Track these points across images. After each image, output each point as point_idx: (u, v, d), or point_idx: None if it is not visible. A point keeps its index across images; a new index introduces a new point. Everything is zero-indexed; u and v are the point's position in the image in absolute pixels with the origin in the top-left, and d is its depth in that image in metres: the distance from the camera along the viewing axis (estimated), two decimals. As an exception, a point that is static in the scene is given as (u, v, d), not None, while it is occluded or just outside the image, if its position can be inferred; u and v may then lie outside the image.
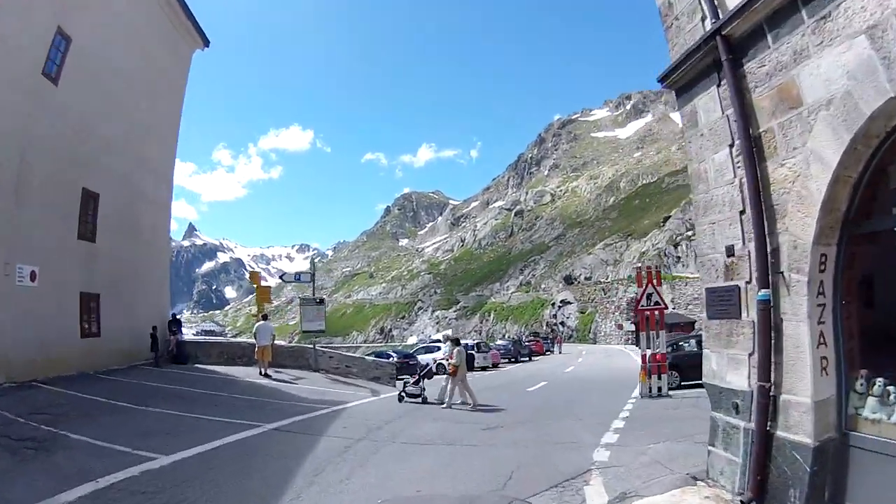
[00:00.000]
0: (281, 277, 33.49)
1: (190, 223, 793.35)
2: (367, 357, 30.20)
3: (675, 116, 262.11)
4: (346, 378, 26.05)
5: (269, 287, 35.35)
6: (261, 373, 24.24)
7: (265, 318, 27.72)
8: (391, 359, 35.54)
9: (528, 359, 55.99)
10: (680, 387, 22.10)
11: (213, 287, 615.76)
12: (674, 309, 73.81)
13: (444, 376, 20.04)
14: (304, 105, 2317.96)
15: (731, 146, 7.73)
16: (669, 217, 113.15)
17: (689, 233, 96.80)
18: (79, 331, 22.34)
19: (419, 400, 19.56)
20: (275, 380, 23.40)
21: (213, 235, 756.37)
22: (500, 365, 47.20)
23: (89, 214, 23.40)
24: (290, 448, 11.38)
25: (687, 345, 24.99)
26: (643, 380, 20.31)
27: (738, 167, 7.56)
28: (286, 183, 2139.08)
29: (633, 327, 73.72)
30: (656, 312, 21.53)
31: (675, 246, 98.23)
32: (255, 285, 37.59)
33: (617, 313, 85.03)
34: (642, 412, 16.58)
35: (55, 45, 20.57)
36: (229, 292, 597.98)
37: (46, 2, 20.16)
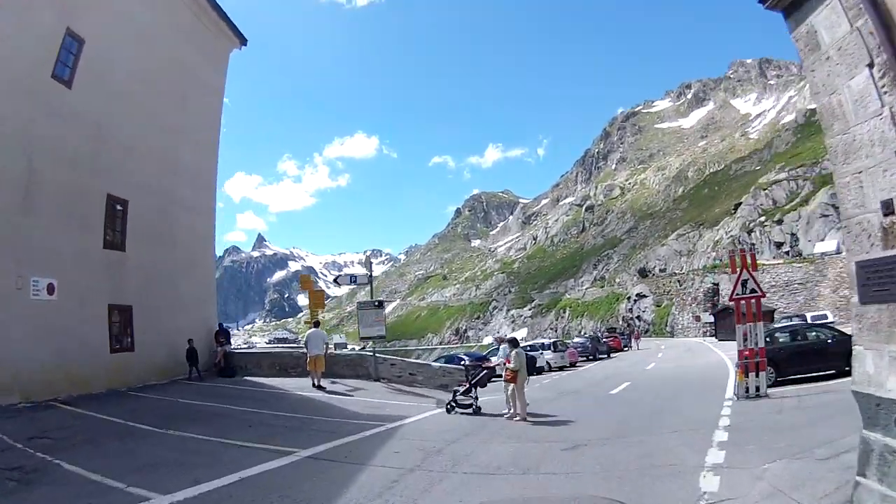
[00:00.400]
0: (335, 280, 30.55)
1: (259, 234, 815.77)
2: (432, 363, 27.98)
3: (737, 103, 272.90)
4: (410, 387, 23.87)
5: (323, 292, 32.80)
6: (314, 384, 22.25)
7: (317, 325, 25.41)
8: (463, 362, 32.20)
9: (606, 356, 53.85)
10: (776, 384, 19.35)
11: (286, 296, 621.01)
12: (727, 301, 72.29)
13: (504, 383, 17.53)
14: (367, 112, 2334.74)
15: (871, 66, 5.41)
16: (740, 204, 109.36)
17: (762, 218, 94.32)
18: (108, 345, 20.82)
19: (470, 411, 17.33)
20: (328, 392, 21.58)
21: (283, 245, 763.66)
22: (577, 364, 45.23)
23: (117, 221, 21.88)
24: (321, 486, 9.21)
25: (782, 336, 22.18)
26: (740, 378, 17.74)
27: (886, 93, 5.25)
28: (354, 190, 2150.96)
29: (711, 318, 71.54)
30: (753, 301, 18.58)
31: (749, 233, 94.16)
32: (307, 290, 34.79)
33: (694, 305, 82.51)
34: (744, 419, 14.02)
35: (66, 47, 19.11)
36: (301, 300, 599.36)
37: (50, 2, 18.68)
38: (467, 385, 17.99)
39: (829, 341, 20.66)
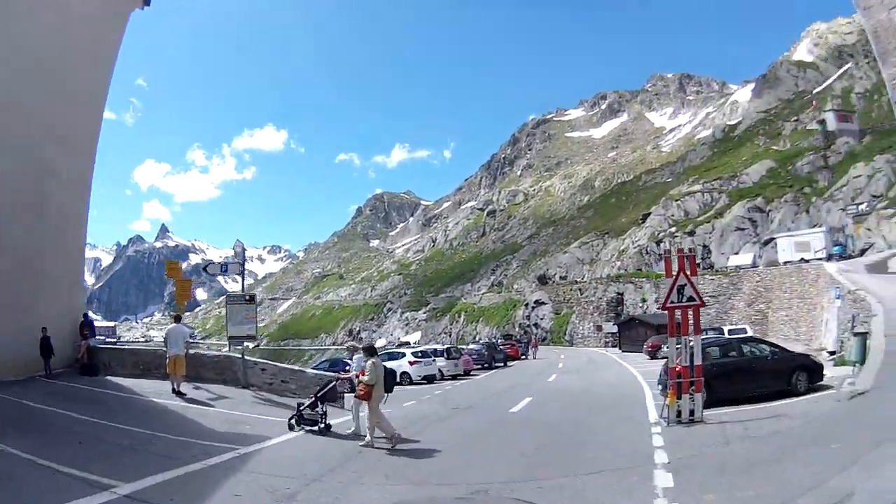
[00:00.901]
0: (204, 269, 26.50)
1: (163, 224, 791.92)
2: (308, 370, 23.94)
3: (652, 116, 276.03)
4: (281, 397, 20.58)
5: (191, 281, 27.95)
6: (173, 390, 18.94)
7: (178, 319, 21.94)
8: (348, 367, 30.29)
9: (503, 364, 50.44)
10: (706, 405, 16.30)
11: None
12: (658, 309, 69.57)
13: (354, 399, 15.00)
14: (278, 105, 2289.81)
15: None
16: (649, 214, 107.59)
17: (673, 229, 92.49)
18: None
19: (316, 429, 14.82)
20: (186, 400, 18.43)
21: (187, 237, 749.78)
22: (472, 372, 42.29)
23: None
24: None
25: (713, 351, 19.21)
26: (671, 400, 14.82)
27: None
28: (260, 184, 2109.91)
29: (614, 329, 69.86)
30: (690, 311, 15.88)
31: (658, 243, 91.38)
32: (173, 279, 30.14)
33: (595, 314, 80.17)
34: (685, 453, 11.44)
35: None
36: (200, 294, 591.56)
37: None
38: (313, 397, 15.18)
39: (769, 358, 18.59)
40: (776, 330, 52.84)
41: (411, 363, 35.94)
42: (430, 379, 35.44)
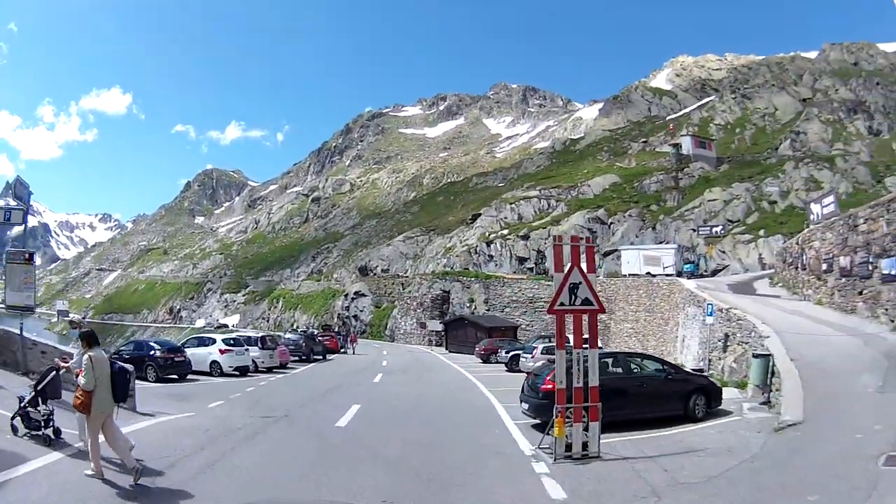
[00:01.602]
0: None
1: (7, 181, 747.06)
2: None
3: (490, 122, 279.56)
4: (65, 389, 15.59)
5: None
6: None
7: None
8: (153, 352, 27.77)
9: (322, 357, 47.52)
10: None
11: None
12: (487, 310, 67.02)
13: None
14: (126, 66, 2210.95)
15: None
16: (479, 214, 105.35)
17: (506, 231, 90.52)
18: None
19: (41, 435, 11.09)
20: None
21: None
22: (289, 364, 38.99)
23: None
24: None
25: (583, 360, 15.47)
26: (560, 432, 11.19)
27: None
28: (100, 147, 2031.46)
29: (440, 327, 66.88)
30: (585, 318, 12.15)
31: (488, 244, 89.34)
32: None
33: (419, 310, 76.53)
34: None
35: None
36: (37, 259, 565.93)
37: None
38: (33, 393, 11.31)
39: (663, 377, 15.86)
40: (620, 342, 51.95)
41: (222, 351, 31.77)
42: (243, 371, 31.92)
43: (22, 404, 11.21)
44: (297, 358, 42.57)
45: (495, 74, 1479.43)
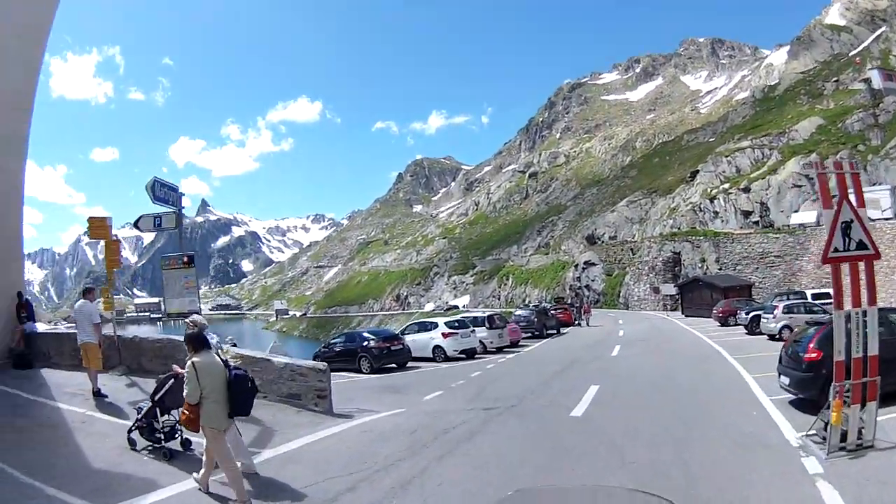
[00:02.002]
0: (135, 224, 17.36)
1: (203, 199, 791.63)
2: (275, 358, 15.39)
3: (687, 79, 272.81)
4: None
5: (119, 241, 19.60)
6: (93, 390, 14.00)
7: (86, 294, 15.63)
8: (367, 343, 26.17)
9: (556, 332, 44.66)
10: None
11: (230, 261, 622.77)
12: (719, 269, 64.05)
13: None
14: (310, 77, 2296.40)
15: None
16: (697, 171, 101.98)
17: (726, 185, 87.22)
18: None
19: (162, 449, 9.93)
20: (103, 405, 13.36)
21: (227, 210, 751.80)
22: (521, 343, 36.88)
23: None
24: None
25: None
26: (837, 419, 9.10)
27: None
28: (298, 154, 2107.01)
29: (673, 291, 62.59)
30: (862, 267, 9.76)
31: (711, 200, 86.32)
32: (96, 239, 18.66)
33: (651, 275, 73.41)
34: None
35: None
36: (246, 266, 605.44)
37: None
38: (150, 403, 10.18)
39: None
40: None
41: (445, 335, 29.43)
42: (469, 353, 29.72)
43: (139, 416, 10.19)
44: (529, 334, 40.98)
45: (682, 30, 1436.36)
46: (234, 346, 22.59)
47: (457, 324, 30.94)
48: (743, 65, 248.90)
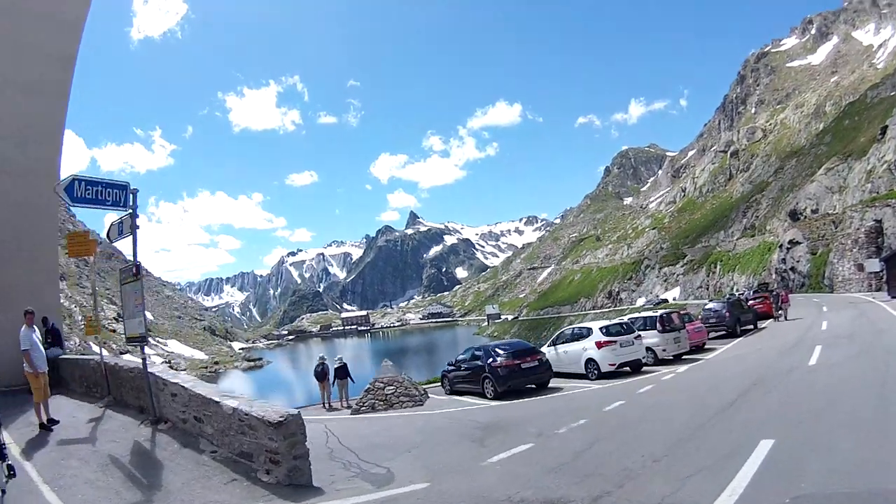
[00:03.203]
0: (108, 236, 14.64)
1: (411, 211, 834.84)
2: (224, 403, 10.90)
3: (858, 34, 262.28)
4: (185, 450, 11.49)
5: (87, 233, 18.49)
6: (41, 422, 13.24)
7: (26, 315, 13.67)
8: (493, 360, 21.93)
9: (752, 327, 38.32)
10: None
11: (444, 269, 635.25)
12: None
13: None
14: (504, 80, 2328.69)
15: None
16: (886, 127, 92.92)
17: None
18: None
19: None
20: (36, 444, 12.23)
21: (438, 220, 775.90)
22: (708, 344, 31.50)
23: None
24: None
25: None
26: None
27: None
28: (504, 158, 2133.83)
29: (878, 266, 54.42)
30: None
31: None
32: (76, 257, 20.49)
33: (855, 249, 64.94)
34: None
35: None
36: (460, 273, 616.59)
37: None
38: None
39: None
40: None
41: (600, 345, 23.59)
42: (635, 366, 24.42)
43: None
44: (721, 332, 35.84)
45: None
46: (342, 365, 24.92)
47: (618, 329, 24.75)
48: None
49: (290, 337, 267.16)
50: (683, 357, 27.31)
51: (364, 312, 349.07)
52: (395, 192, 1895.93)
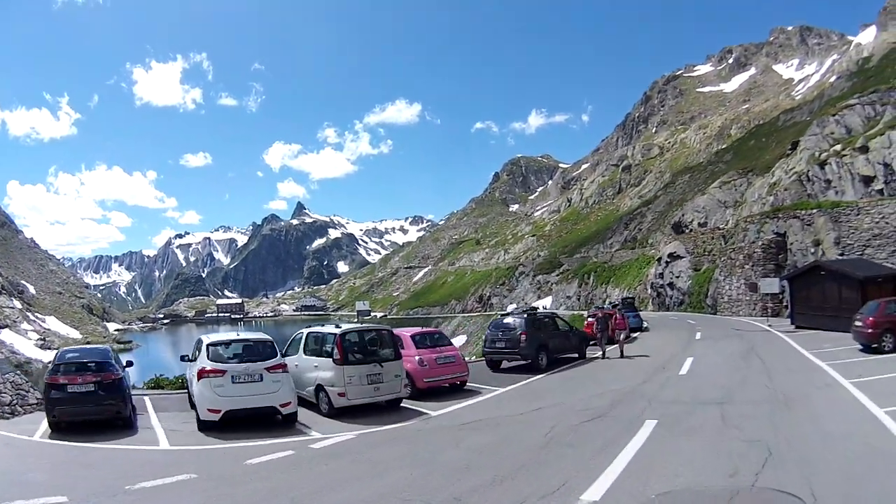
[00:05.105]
0: None
1: (298, 202, 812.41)
2: None
3: (779, 68, 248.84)
4: None
5: None
6: None
7: None
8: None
9: (578, 356, 26.22)
10: None
11: (325, 263, 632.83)
12: (841, 254, 41.46)
13: None
14: (407, 79, 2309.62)
15: None
16: (798, 142, 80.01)
17: (838, 147, 64.73)
18: None
19: None
20: None
21: (325, 213, 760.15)
22: (469, 385, 19.47)
23: None
24: None
25: None
26: None
27: None
28: (397, 157, 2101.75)
29: (778, 288, 40.70)
30: None
31: (822, 166, 62.65)
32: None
33: (747, 266, 51.88)
34: None
35: None
36: (342, 267, 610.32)
37: None
38: None
39: None
40: None
41: (202, 374, 13.93)
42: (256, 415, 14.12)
43: None
44: (516, 362, 24.01)
45: (769, 19, 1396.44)
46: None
47: (225, 346, 14.98)
48: (832, 50, 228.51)
49: (166, 321, 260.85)
50: (386, 409, 16.07)
51: (240, 300, 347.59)
52: (285, 181, 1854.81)
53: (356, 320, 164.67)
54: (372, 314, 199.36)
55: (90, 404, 13.93)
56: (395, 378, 15.82)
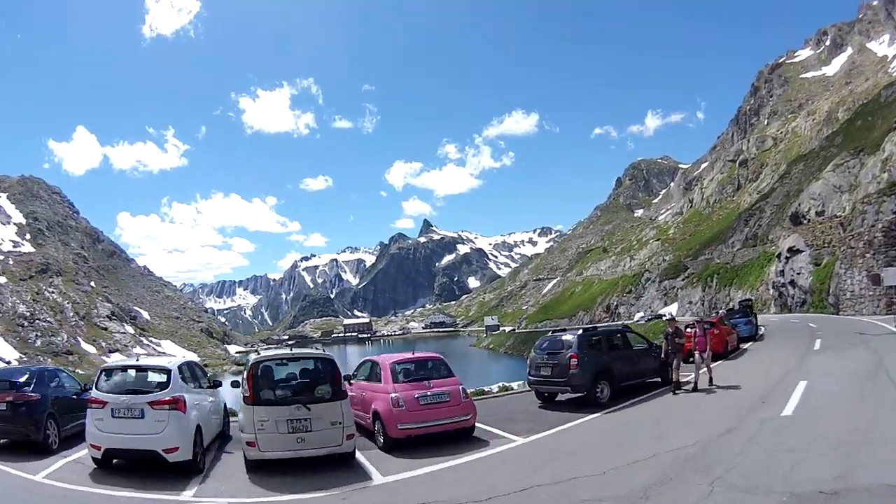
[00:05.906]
0: None
1: (425, 219, 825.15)
2: None
3: (873, 45, 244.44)
4: None
5: None
6: None
7: None
8: None
9: (662, 381, 20.36)
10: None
11: (455, 279, 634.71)
12: None
13: None
14: (521, 89, 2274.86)
15: None
16: None
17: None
18: None
19: None
20: None
21: (452, 229, 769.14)
22: (478, 429, 14.93)
23: None
24: None
25: None
26: None
27: None
28: (520, 168, 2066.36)
29: None
30: None
31: None
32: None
33: (868, 254, 44.33)
34: None
35: None
36: (472, 282, 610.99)
37: None
38: None
39: None
40: None
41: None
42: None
43: None
44: (566, 394, 18.89)
45: None
46: None
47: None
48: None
49: (290, 342, 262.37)
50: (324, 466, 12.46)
51: (367, 320, 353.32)
52: (410, 199, 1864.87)
53: (485, 335, 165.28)
54: (501, 328, 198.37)
55: None
56: (331, 426, 12.19)
